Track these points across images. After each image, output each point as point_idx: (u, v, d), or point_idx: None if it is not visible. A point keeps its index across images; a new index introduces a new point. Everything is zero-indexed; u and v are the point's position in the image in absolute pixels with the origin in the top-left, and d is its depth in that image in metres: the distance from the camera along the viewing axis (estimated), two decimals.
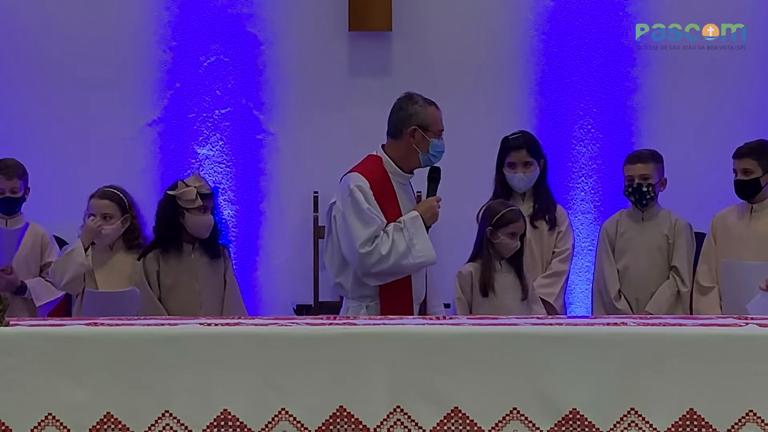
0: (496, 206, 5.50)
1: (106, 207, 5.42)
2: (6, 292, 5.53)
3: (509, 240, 5.37)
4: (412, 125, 5.05)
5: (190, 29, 7.00)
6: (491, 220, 5.39)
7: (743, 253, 5.77)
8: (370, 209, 4.97)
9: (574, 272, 6.29)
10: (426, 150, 5.06)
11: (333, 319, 4.36)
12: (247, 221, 6.96)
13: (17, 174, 5.95)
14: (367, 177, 5.02)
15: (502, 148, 6.02)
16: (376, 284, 5.02)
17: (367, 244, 4.95)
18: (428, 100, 5.14)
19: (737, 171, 5.82)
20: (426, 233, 5.03)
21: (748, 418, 3.70)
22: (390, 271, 4.98)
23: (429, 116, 5.08)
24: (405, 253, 4.97)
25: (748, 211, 5.86)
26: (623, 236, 6.02)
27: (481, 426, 3.71)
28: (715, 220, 5.97)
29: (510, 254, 5.40)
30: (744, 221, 5.86)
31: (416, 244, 4.97)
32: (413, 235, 4.98)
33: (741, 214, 5.89)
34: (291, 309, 6.74)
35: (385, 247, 4.94)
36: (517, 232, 5.39)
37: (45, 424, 3.70)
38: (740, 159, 5.81)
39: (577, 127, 7.05)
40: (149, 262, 5.32)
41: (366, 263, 4.96)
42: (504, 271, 5.40)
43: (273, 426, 3.71)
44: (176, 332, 3.81)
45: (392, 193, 5.07)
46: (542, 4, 7.04)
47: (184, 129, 7.00)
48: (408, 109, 5.08)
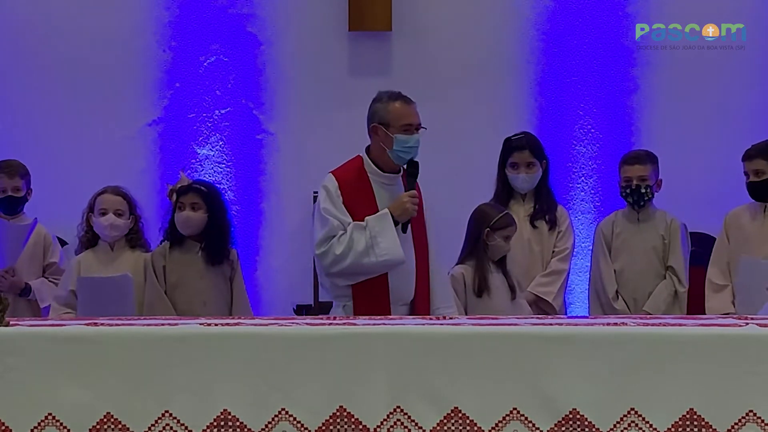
0: (490, 210, 5.58)
1: (119, 203, 5.48)
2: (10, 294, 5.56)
3: (503, 243, 5.48)
4: (373, 123, 5.01)
5: (190, 29, 7.00)
6: (488, 222, 5.45)
7: (756, 252, 5.76)
8: (327, 210, 4.93)
9: (573, 272, 6.29)
10: (390, 146, 4.96)
11: (333, 319, 4.36)
12: (247, 221, 6.96)
13: (19, 173, 5.96)
14: (338, 177, 4.99)
15: (505, 148, 6.02)
16: (345, 284, 4.95)
17: (322, 244, 4.92)
18: (395, 95, 5.01)
19: (749, 173, 5.82)
20: (394, 231, 4.89)
21: (748, 418, 3.70)
22: (351, 270, 4.91)
23: (390, 112, 4.97)
24: (365, 252, 4.87)
25: (761, 211, 5.87)
26: (619, 237, 6.03)
27: (481, 426, 3.71)
28: (728, 218, 5.96)
29: (500, 256, 5.49)
30: (758, 221, 5.87)
31: (380, 242, 4.87)
32: (377, 233, 4.88)
33: (754, 213, 5.89)
34: (291, 309, 6.74)
35: (339, 248, 4.88)
36: (511, 235, 5.52)
37: (45, 424, 3.70)
38: (750, 161, 5.81)
39: (577, 127, 7.05)
40: (157, 256, 5.38)
41: (323, 264, 4.95)
42: (493, 271, 5.48)
43: (273, 426, 3.71)
44: (176, 332, 3.81)
45: (369, 192, 5.00)
46: (542, 4, 7.05)
47: (184, 129, 7.01)
48: (371, 108, 5.04)
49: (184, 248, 5.40)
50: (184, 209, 5.37)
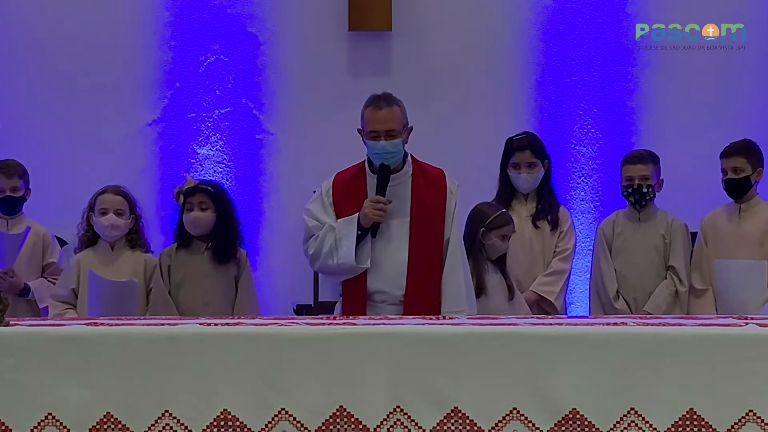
0: (487, 209, 5.55)
1: (119, 203, 5.49)
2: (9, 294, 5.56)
3: (500, 242, 5.45)
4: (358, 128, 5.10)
5: (190, 29, 7.00)
6: (484, 221, 5.44)
7: (734, 253, 5.80)
8: (308, 210, 5.08)
9: (574, 272, 6.29)
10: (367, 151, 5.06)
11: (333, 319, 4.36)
12: (247, 221, 6.96)
13: (18, 173, 5.96)
14: (335, 178, 5.09)
15: (507, 148, 6.02)
16: (335, 281, 5.11)
17: (304, 243, 5.10)
18: (371, 100, 5.03)
19: (726, 170, 5.85)
20: (354, 236, 4.93)
21: (748, 418, 3.70)
22: (323, 270, 5.12)
23: (362, 118, 5.04)
24: (329, 253, 4.96)
25: (736, 212, 5.89)
26: (620, 236, 6.02)
27: (481, 426, 3.71)
28: (704, 222, 5.99)
29: (498, 256, 5.46)
30: (733, 222, 5.88)
31: (342, 246, 4.95)
32: (342, 236, 4.95)
33: (730, 215, 5.91)
34: (291, 309, 6.74)
35: (312, 248, 5.03)
36: (508, 234, 5.48)
37: (45, 424, 3.70)
38: (729, 158, 5.84)
39: (577, 127, 7.05)
40: (164, 256, 5.42)
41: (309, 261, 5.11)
42: (491, 271, 5.45)
43: (273, 426, 3.71)
44: (176, 332, 3.81)
45: (362, 193, 5.03)
46: (542, 4, 7.04)
47: (184, 129, 7.01)
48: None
49: (191, 248, 5.43)
50: (192, 210, 5.38)
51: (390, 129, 4.97)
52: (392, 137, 4.96)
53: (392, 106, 5.00)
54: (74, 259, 5.53)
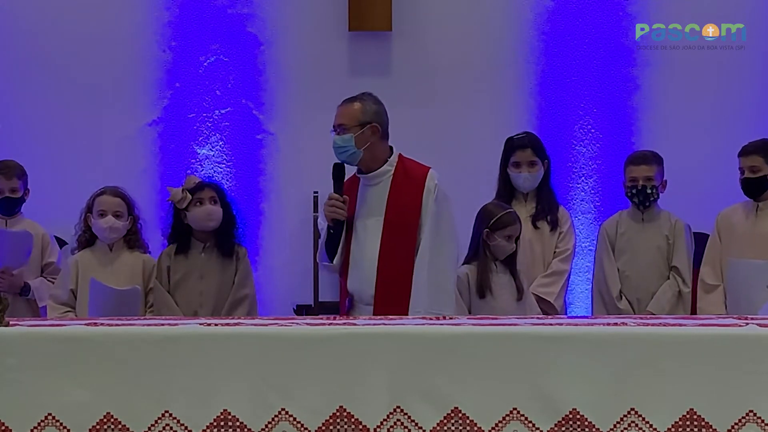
0: (493, 208, 5.50)
1: (117, 205, 5.47)
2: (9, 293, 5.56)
3: (505, 242, 5.40)
4: None
5: (190, 29, 7.00)
6: (488, 222, 5.40)
7: (748, 252, 5.75)
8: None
9: (574, 272, 6.29)
10: None
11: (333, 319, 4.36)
12: (247, 221, 6.96)
13: (16, 174, 5.96)
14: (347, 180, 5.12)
15: (507, 147, 6.02)
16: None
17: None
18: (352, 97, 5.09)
19: (744, 169, 5.81)
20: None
21: (748, 418, 3.70)
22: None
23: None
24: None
25: (753, 210, 5.86)
26: (623, 236, 6.02)
27: (481, 426, 3.71)
28: (720, 218, 5.96)
29: (505, 256, 5.42)
30: (750, 220, 5.86)
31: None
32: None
33: (746, 212, 5.88)
34: (291, 309, 6.74)
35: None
36: (513, 234, 5.42)
37: (45, 424, 3.70)
38: (747, 156, 5.81)
39: (577, 127, 7.05)
40: (163, 257, 5.41)
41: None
42: (499, 272, 5.41)
43: (273, 426, 3.71)
44: (176, 332, 3.80)
45: (354, 193, 5.05)
46: (542, 4, 7.05)
47: (184, 129, 7.01)
48: None
49: (190, 249, 5.40)
50: (203, 204, 5.37)
51: (340, 123, 5.00)
52: (343, 131, 4.97)
53: (352, 103, 5.03)
54: (72, 260, 5.51)
